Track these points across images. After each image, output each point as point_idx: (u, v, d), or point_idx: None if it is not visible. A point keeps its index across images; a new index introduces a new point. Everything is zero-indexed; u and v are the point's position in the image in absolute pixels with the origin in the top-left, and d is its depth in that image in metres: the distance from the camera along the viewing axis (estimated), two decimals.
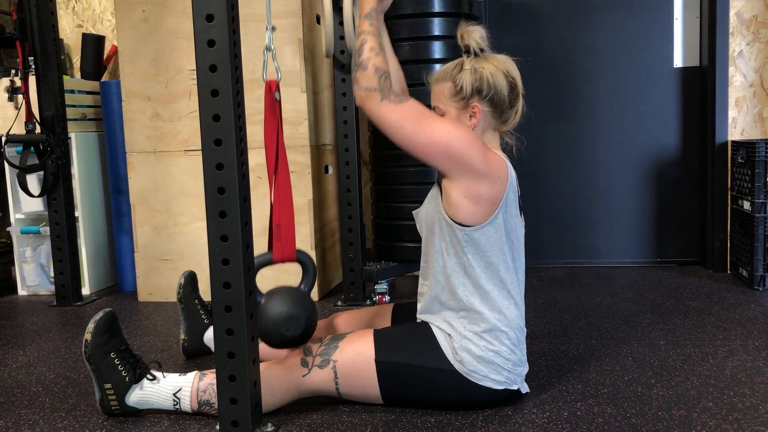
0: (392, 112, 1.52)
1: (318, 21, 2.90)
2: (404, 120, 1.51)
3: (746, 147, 2.80)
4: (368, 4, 1.62)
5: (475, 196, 1.51)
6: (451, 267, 1.57)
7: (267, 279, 1.76)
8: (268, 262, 1.60)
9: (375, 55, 1.55)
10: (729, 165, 3.01)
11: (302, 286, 1.67)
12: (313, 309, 1.63)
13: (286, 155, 1.59)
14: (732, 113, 3.02)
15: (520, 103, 1.63)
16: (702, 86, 3.12)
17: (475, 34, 1.59)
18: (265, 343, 1.61)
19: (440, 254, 1.59)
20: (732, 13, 2.97)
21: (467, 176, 1.50)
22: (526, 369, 1.64)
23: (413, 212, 1.71)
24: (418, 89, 2.57)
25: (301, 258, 1.66)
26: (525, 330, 1.64)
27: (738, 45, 2.99)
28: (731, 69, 3.00)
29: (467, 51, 1.60)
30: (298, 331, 1.58)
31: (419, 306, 1.68)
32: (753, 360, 1.90)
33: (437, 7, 2.60)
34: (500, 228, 1.54)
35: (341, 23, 2.50)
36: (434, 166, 1.55)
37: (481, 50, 1.60)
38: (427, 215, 1.63)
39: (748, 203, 2.77)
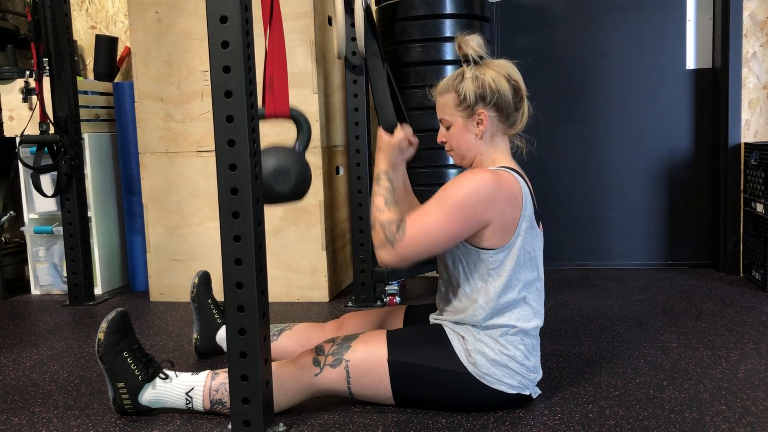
0: (406, 246, 1.51)
1: (330, 22, 2.91)
2: (418, 241, 1.51)
3: (759, 149, 2.78)
4: (379, 166, 1.63)
5: (500, 229, 1.52)
6: (467, 271, 1.58)
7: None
8: (260, 117, 1.55)
9: (380, 213, 1.56)
10: (742, 167, 2.99)
11: (296, 146, 1.61)
12: (305, 166, 1.58)
13: (280, 8, 1.53)
14: (745, 115, 3.00)
15: (526, 105, 1.63)
16: (715, 88, 3.10)
17: (472, 42, 1.59)
18: None
19: (457, 260, 1.59)
20: (745, 14, 2.95)
21: (492, 224, 1.52)
22: (539, 376, 1.64)
23: None
24: (427, 92, 2.57)
25: (294, 115, 1.60)
26: (539, 339, 1.64)
27: (751, 46, 2.97)
28: (744, 71, 2.98)
29: (466, 60, 1.61)
30: (288, 185, 1.55)
31: (437, 301, 1.68)
32: (766, 363, 1.89)
33: (449, 8, 2.60)
34: (520, 244, 1.55)
35: (353, 25, 2.50)
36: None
37: (480, 57, 1.60)
38: None
39: (761, 206, 2.76)
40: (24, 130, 2.87)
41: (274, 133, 2.67)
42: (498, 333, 1.56)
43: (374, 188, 1.61)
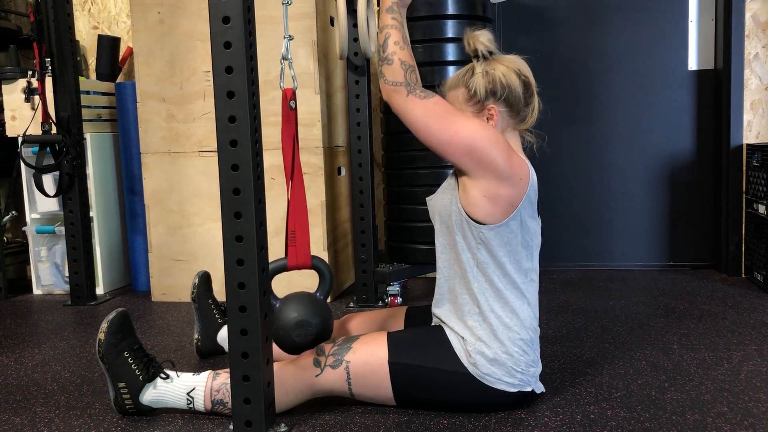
0: (418, 107, 1.52)
1: (332, 23, 2.91)
2: (429, 116, 1.51)
3: (761, 150, 2.78)
4: None
5: (494, 197, 1.51)
6: (464, 260, 1.57)
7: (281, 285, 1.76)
8: (283, 268, 1.62)
9: (400, 49, 1.54)
10: (744, 168, 2.99)
11: (318, 293, 1.66)
12: (327, 316, 1.63)
13: (300, 164, 1.60)
14: (747, 116, 3.00)
15: (536, 100, 1.63)
16: (717, 89, 3.10)
17: (482, 38, 1.59)
18: (278, 347, 1.62)
19: (454, 247, 1.59)
20: (748, 15, 2.95)
21: (489, 177, 1.50)
22: (539, 369, 1.64)
23: (427, 198, 1.70)
24: (432, 91, 2.57)
25: (316, 264, 1.66)
26: (538, 330, 1.64)
27: (753, 48, 2.97)
28: (746, 72, 2.98)
29: (476, 55, 1.61)
30: (309, 338, 1.59)
31: (435, 295, 1.68)
32: None
33: (451, 9, 2.60)
34: (516, 229, 1.54)
35: (355, 25, 2.51)
36: (456, 165, 1.55)
37: (490, 53, 1.60)
38: (442, 206, 1.63)
39: (763, 207, 2.75)
40: (26, 130, 2.87)
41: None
42: (496, 328, 1.55)
43: (387, 19, 1.57)
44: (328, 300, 2.78)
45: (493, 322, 1.55)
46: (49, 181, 3.08)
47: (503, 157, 1.50)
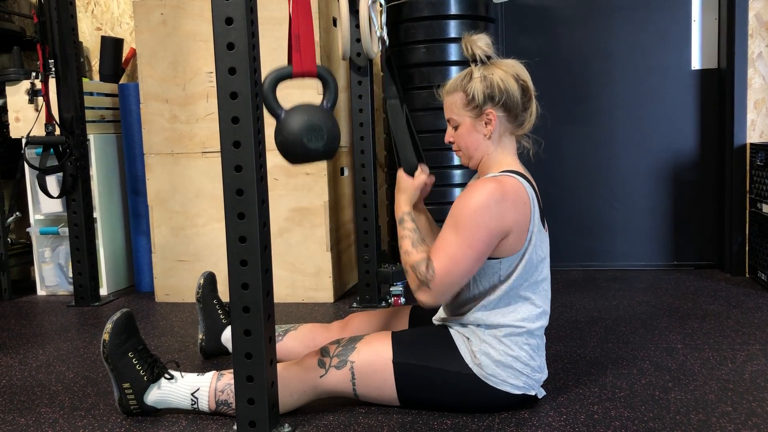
0: (441, 284, 1.51)
1: (335, 24, 2.92)
2: (451, 275, 1.51)
3: (765, 150, 2.77)
4: (400, 209, 1.64)
5: (512, 239, 1.53)
6: (480, 287, 1.58)
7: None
8: (287, 75, 1.52)
9: (408, 257, 1.56)
10: (747, 168, 2.99)
11: (324, 103, 1.58)
12: (335, 124, 1.56)
13: None
14: (751, 116, 2.99)
15: (534, 105, 1.62)
16: (720, 88, 3.10)
17: (479, 42, 1.59)
18: (287, 158, 1.56)
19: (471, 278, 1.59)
20: (751, 14, 2.95)
21: (507, 237, 1.53)
22: (544, 376, 1.64)
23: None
24: (435, 92, 2.57)
25: (321, 72, 1.56)
26: (545, 337, 1.64)
27: (757, 47, 2.96)
28: (750, 71, 2.97)
29: (474, 60, 1.60)
30: (321, 143, 1.52)
31: (440, 309, 1.69)
32: None
33: (453, 9, 2.61)
34: (531, 248, 1.55)
35: (358, 26, 2.51)
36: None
37: (488, 57, 1.60)
38: None
39: (767, 206, 2.75)
40: (30, 132, 2.87)
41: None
42: (502, 333, 1.55)
43: (399, 232, 1.62)
44: (330, 300, 2.78)
45: (501, 328, 1.55)
46: (52, 182, 3.09)
47: (514, 217, 1.51)
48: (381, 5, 2.10)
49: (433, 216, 1.79)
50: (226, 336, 2.04)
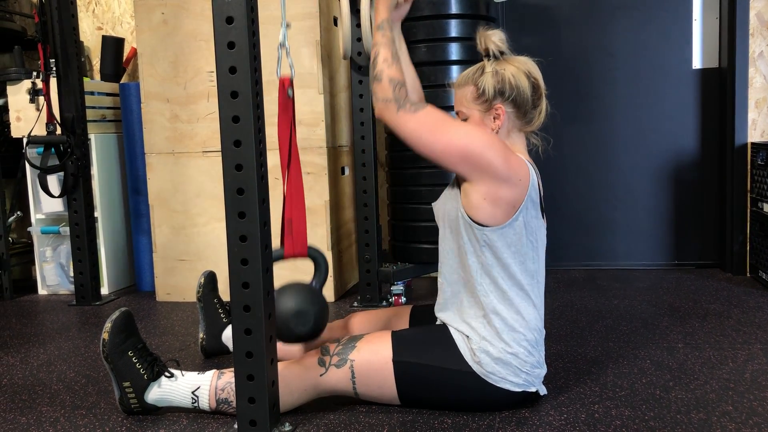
0: (410, 121, 1.53)
1: (335, 23, 2.92)
2: (421, 128, 1.52)
3: (766, 149, 2.77)
4: (380, 15, 1.63)
5: (495, 199, 1.51)
6: (469, 264, 1.57)
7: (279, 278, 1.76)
8: (279, 257, 1.60)
9: (388, 67, 1.56)
10: (748, 167, 2.98)
11: (314, 283, 1.66)
12: (323, 305, 1.64)
13: (298, 152, 1.59)
14: (752, 115, 2.99)
15: (544, 103, 1.63)
16: (721, 88, 3.09)
17: (494, 37, 1.59)
18: (276, 337, 1.62)
19: (459, 251, 1.59)
20: (752, 14, 2.94)
21: (487, 179, 1.50)
22: (544, 371, 1.64)
23: (432, 204, 1.71)
24: (436, 91, 2.57)
25: (312, 254, 1.66)
26: (544, 332, 1.64)
27: (758, 46, 2.96)
28: (751, 70, 2.97)
29: (487, 54, 1.61)
30: (308, 327, 1.59)
31: (438, 300, 1.68)
32: None
33: (454, 8, 2.60)
34: (520, 230, 1.54)
35: (358, 25, 2.51)
36: (455, 172, 1.56)
37: (501, 53, 1.60)
38: (445, 212, 1.64)
39: None
40: (31, 131, 2.88)
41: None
42: (501, 329, 1.55)
43: (377, 37, 1.60)
44: (331, 300, 2.78)
45: (498, 324, 1.55)
46: (53, 181, 3.09)
47: (500, 159, 1.50)
48: None
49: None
50: (227, 335, 2.04)
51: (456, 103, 1.65)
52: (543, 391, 1.65)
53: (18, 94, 3.06)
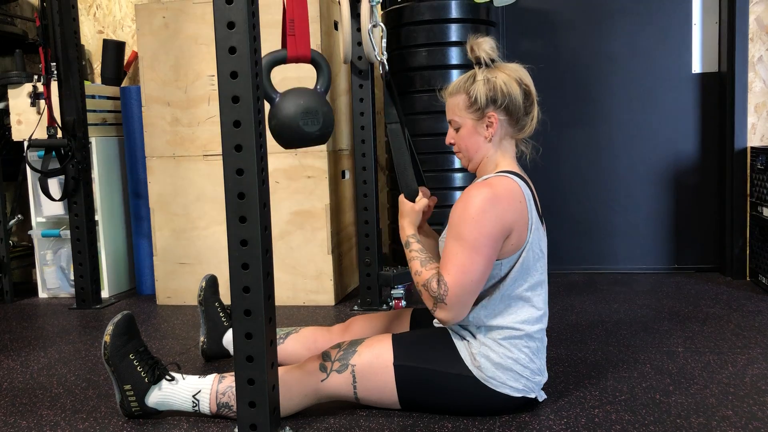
0: (456, 298, 1.51)
1: (336, 27, 2.92)
2: (462, 288, 1.50)
3: (766, 153, 2.78)
4: (404, 233, 1.66)
5: (513, 237, 1.54)
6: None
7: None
8: (281, 59, 1.54)
9: (418, 277, 1.57)
10: (748, 171, 2.99)
11: (318, 87, 1.60)
12: (329, 109, 1.58)
13: None
14: (751, 119, 2.99)
15: (536, 110, 1.63)
16: (721, 92, 3.10)
17: (484, 45, 1.60)
18: (282, 142, 1.56)
19: None
20: (751, 18, 2.95)
21: (512, 232, 1.53)
22: (544, 378, 1.64)
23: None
24: (436, 95, 2.58)
25: (315, 57, 1.59)
26: (546, 340, 1.64)
27: (757, 51, 2.97)
28: (750, 75, 2.98)
29: (478, 62, 1.61)
30: (316, 126, 1.53)
31: None
32: None
33: (454, 13, 2.61)
34: (530, 246, 1.55)
35: (359, 29, 2.51)
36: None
37: (492, 60, 1.60)
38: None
39: None
40: (32, 135, 2.88)
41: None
42: (502, 336, 1.56)
43: (407, 255, 1.63)
44: (331, 303, 2.78)
45: (500, 330, 1.56)
46: (54, 185, 3.10)
47: (513, 217, 1.51)
48: (382, 30, 2.11)
49: (436, 218, 1.79)
50: (228, 339, 2.04)
51: (448, 112, 1.66)
52: (542, 397, 1.65)
53: (19, 98, 3.07)
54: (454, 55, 2.61)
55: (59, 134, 2.86)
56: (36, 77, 3.03)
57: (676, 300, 2.69)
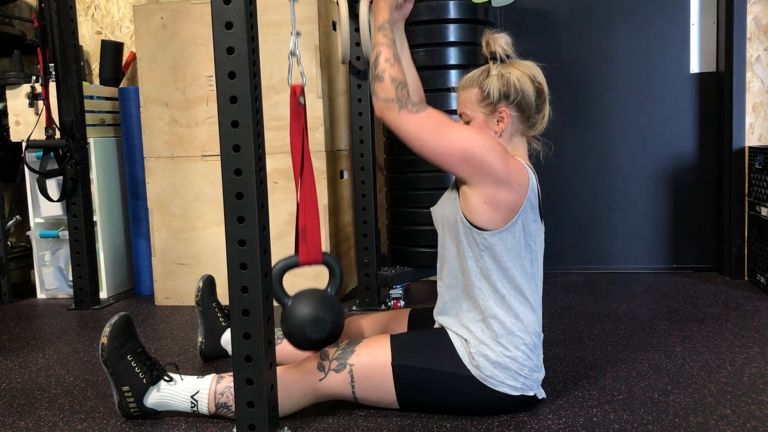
0: (410, 121, 1.53)
1: (334, 27, 2.93)
2: (422, 129, 1.52)
3: (764, 153, 2.78)
4: (381, 15, 1.63)
5: (494, 203, 1.52)
6: (468, 268, 1.58)
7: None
8: (294, 264, 1.61)
9: (390, 66, 1.56)
10: (746, 171, 2.99)
11: (329, 289, 1.66)
12: (339, 311, 1.63)
13: (311, 159, 1.60)
14: (749, 119, 3.00)
15: (547, 108, 1.63)
16: (719, 92, 3.10)
17: (500, 41, 1.60)
18: (291, 344, 1.62)
19: (458, 255, 1.60)
20: (749, 18, 2.96)
21: (487, 183, 1.51)
22: (542, 375, 1.64)
23: (431, 209, 1.71)
24: (435, 95, 2.58)
25: (327, 260, 1.64)
26: (542, 335, 1.64)
27: (755, 50, 2.97)
28: (748, 74, 2.98)
29: (493, 57, 1.61)
30: (324, 334, 1.58)
31: (437, 304, 1.69)
32: None
33: (453, 13, 2.61)
34: (518, 234, 1.55)
35: (357, 30, 2.51)
36: (454, 174, 1.56)
37: (507, 56, 1.61)
38: (444, 216, 1.64)
39: (766, 209, 2.75)
40: (30, 135, 2.88)
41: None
42: (499, 333, 1.56)
43: (378, 37, 1.60)
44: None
45: (496, 328, 1.56)
46: (52, 185, 3.09)
47: (500, 162, 1.50)
48: None
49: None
50: (226, 339, 2.04)
51: (460, 105, 1.66)
52: (541, 394, 1.65)
53: (17, 99, 3.07)
54: (453, 56, 2.61)
55: (57, 135, 2.86)
56: (34, 78, 3.03)
57: (675, 299, 2.69)
